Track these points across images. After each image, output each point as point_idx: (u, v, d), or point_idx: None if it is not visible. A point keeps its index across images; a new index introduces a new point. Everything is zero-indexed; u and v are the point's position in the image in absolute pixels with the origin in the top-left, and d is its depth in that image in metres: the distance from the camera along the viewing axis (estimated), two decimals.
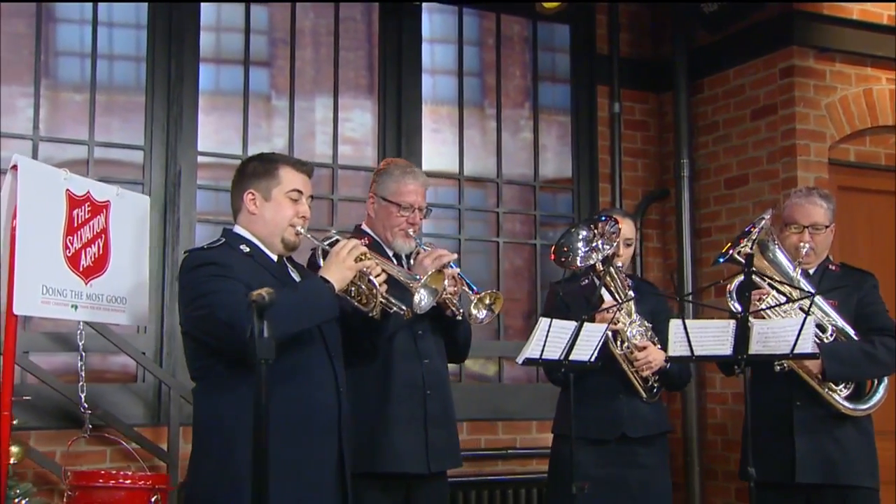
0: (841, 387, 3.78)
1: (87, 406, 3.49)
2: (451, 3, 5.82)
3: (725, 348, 3.36)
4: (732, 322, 3.38)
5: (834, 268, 4.04)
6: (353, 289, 3.08)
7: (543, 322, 3.22)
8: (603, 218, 3.74)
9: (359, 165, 5.52)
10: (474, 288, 3.56)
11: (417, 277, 3.11)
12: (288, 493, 2.90)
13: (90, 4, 4.92)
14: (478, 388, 5.64)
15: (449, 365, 3.81)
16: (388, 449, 3.52)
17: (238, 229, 3.17)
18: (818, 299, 3.80)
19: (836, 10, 5.54)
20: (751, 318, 3.51)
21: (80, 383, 3.41)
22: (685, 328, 3.30)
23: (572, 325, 3.30)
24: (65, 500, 3.06)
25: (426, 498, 3.64)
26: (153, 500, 3.14)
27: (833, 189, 5.54)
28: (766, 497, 3.89)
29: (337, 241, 3.13)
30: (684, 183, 5.88)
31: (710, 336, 3.37)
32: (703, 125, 5.96)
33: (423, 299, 3.11)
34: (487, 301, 3.51)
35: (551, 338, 3.20)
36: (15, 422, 3.36)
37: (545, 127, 6.07)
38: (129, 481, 3.22)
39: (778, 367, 3.74)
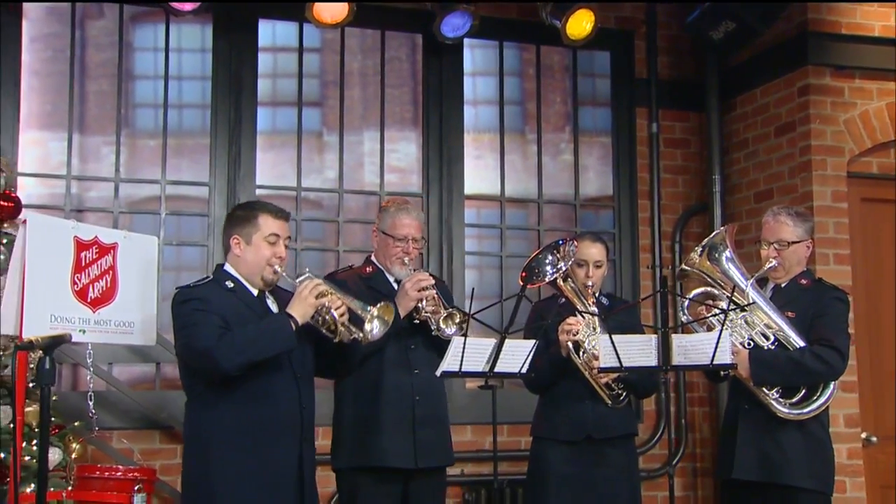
0: (773, 391, 4.01)
1: (94, 411, 4.22)
2: (493, 39, 6.29)
3: (651, 360, 3.73)
4: (654, 336, 3.75)
5: (805, 282, 4.23)
6: (320, 319, 3.60)
7: (457, 340, 3.68)
8: (561, 242, 4.16)
9: (404, 192, 6.04)
10: (447, 306, 4.09)
11: (368, 308, 3.58)
12: (248, 494, 3.48)
13: (162, 62, 5.69)
14: (516, 394, 6.07)
15: None
16: (377, 446, 4.09)
17: (227, 267, 3.73)
18: (768, 309, 4.08)
19: (855, 28, 5.69)
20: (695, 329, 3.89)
21: (89, 392, 4.15)
22: (612, 342, 3.70)
23: (490, 342, 3.74)
24: (70, 487, 3.80)
25: (420, 490, 4.18)
26: (136, 488, 3.86)
27: (855, 201, 5.71)
28: (735, 495, 4.23)
29: (308, 279, 3.65)
30: (716, 198, 6.15)
31: (635, 349, 3.74)
32: (735, 142, 6.20)
33: (374, 328, 3.59)
34: (457, 319, 4.02)
35: (469, 354, 3.64)
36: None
37: (586, 148, 6.44)
38: (119, 474, 3.95)
39: (723, 374, 4.08)
